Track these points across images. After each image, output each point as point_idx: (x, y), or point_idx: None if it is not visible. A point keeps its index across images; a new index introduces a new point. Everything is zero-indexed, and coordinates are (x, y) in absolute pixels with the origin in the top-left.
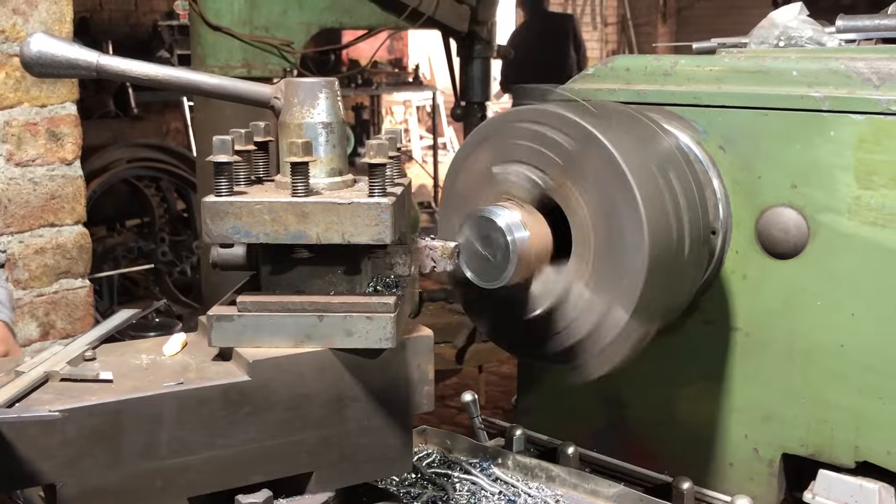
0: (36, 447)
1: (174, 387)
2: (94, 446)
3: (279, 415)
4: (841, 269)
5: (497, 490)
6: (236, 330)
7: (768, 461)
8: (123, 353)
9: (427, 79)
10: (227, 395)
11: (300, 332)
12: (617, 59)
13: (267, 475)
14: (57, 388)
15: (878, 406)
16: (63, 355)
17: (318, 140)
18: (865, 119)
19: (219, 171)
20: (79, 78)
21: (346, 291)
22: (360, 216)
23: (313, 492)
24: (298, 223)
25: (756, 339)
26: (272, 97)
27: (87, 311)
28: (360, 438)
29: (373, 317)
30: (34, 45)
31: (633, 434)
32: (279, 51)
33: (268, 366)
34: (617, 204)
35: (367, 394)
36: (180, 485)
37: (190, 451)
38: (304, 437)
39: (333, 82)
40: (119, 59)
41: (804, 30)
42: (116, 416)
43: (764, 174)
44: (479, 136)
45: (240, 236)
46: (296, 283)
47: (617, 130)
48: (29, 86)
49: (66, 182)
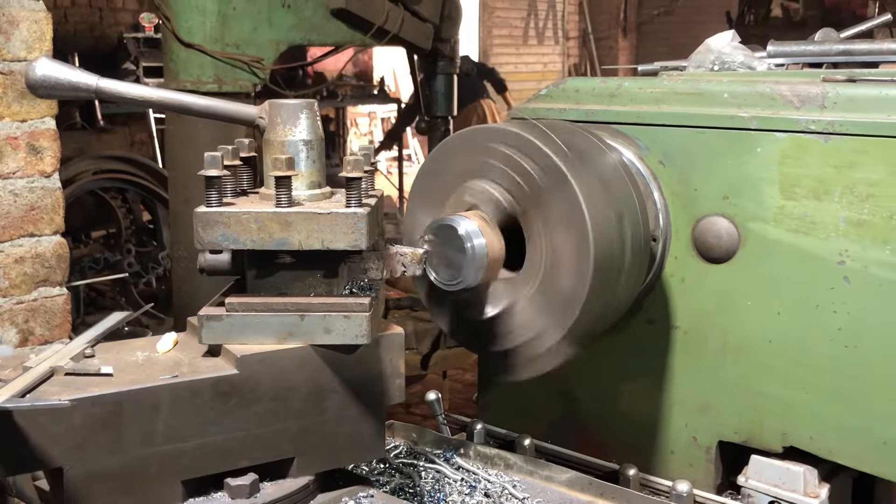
0: (45, 434)
1: (169, 380)
2: (98, 433)
3: (264, 405)
4: (768, 273)
5: (459, 477)
6: (224, 328)
7: (706, 448)
8: (119, 351)
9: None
10: (217, 387)
11: (283, 330)
12: (568, 80)
13: (253, 460)
14: (62, 382)
15: (802, 396)
16: (65, 352)
17: (299, 156)
18: (787, 137)
19: (209, 184)
20: (79, 99)
21: (324, 293)
22: (338, 225)
23: (295, 476)
24: (282, 231)
25: (693, 336)
26: (257, 117)
27: (65, 318)
28: (337, 427)
29: (350, 316)
30: (39, 69)
31: (584, 426)
32: (249, 67)
33: (254, 360)
34: (570, 240)
35: (344, 386)
36: (175, 469)
37: (183, 438)
38: (287, 426)
39: (313, 104)
40: (117, 82)
41: (736, 55)
42: (118, 406)
43: (699, 186)
44: (451, 147)
45: (228, 243)
46: (279, 286)
47: (580, 167)
48: (10, 101)
49: (46, 194)
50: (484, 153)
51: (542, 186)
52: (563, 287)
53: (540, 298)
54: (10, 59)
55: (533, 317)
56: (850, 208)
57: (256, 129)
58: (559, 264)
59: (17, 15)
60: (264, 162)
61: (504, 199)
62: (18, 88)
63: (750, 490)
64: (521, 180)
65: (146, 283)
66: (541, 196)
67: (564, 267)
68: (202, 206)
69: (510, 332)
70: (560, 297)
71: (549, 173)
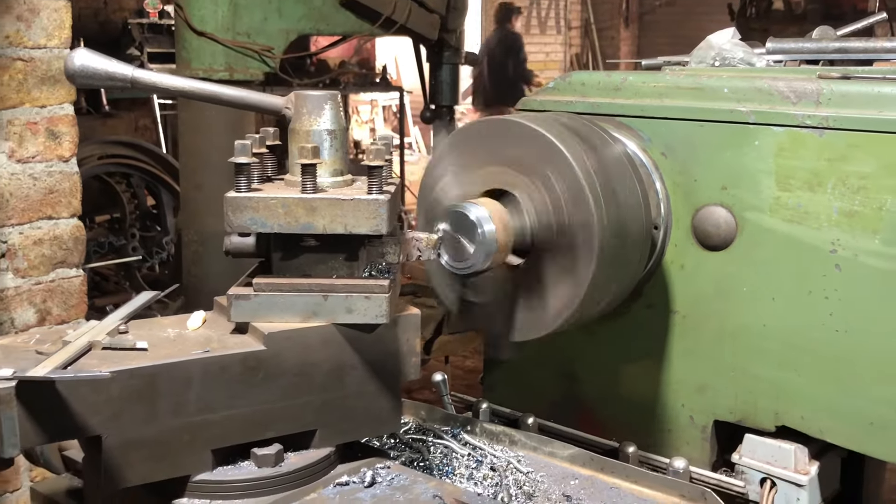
0: (85, 404)
1: (200, 354)
2: (134, 404)
3: (289, 380)
4: (763, 260)
5: (466, 452)
6: (252, 307)
7: (702, 427)
8: (151, 328)
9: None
10: (245, 362)
11: (308, 309)
12: (574, 74)
13: (278, 431)
14: (100, 356)
15: (794, 378)
16: (101, 328)
17: (323, 145)
18: (784, 131)
19: (239, 171)
20: (115, 88)
21: (346, 275)
22: (360, 210)
23: (317, 447)
24: (307, 216)
25: (691, 320)
26: (284, 107)
27: (82, 299)
28: (357, 401)
29: (370, 297)
30: (77, 59)
31: (585, 406)
32: (260, 56)
33: (280, 338)
34: (576, 223)
35: (363, 363)
36: (205, 438)
37: (213, 409)
38: (310, 400)
39: (336, 95)
40: (150, 73)
41: (736, 52)
42: (152, 378)
43: (699, 177)
44: (452, 143)
45: (257, 227)
46: (303, 268)
47: (576, 146)
48: (30, 87)
49: (64, 178)
50: (484, 142)
51: (540, 161)
52: (569, 265)
53: (546, 283)
54: (30, 47)
55: (534, 302)
56: (842, 199)
57: (283, 119)
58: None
59: (38, 3)
60: (290, 150)
61: (508, 180)
62: (38, 75)
63: (743, 467)
64: (521, 159)
65: (150, 267)
66: (540, 171)
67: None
68: (232, 192)
69: (525, 310)
70: (566, 277)
71: (538, 145)
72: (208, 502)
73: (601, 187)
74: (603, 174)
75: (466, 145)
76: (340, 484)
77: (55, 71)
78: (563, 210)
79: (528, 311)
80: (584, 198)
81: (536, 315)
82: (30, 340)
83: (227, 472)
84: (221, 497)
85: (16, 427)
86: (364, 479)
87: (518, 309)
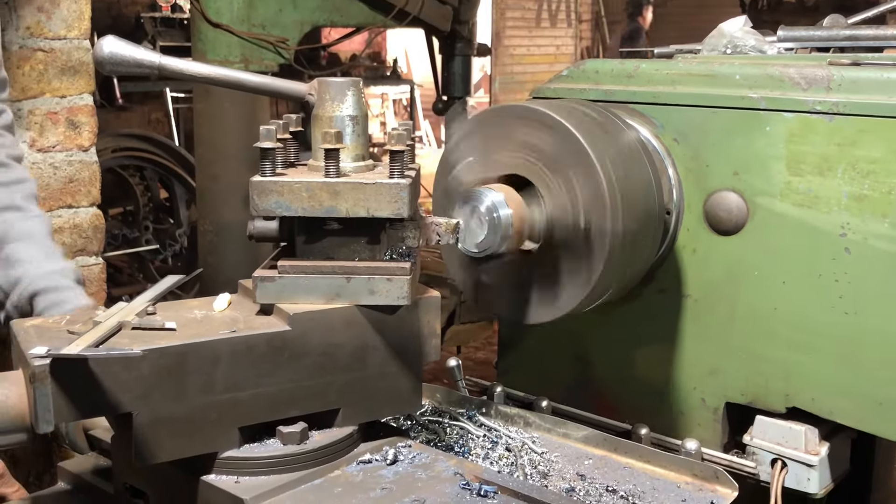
0: (117, 381)
1: (228, 334)
2: (164, 382)
3: (313, 360)
4: (774, 244)
5: (482, 433)
6: (277, 289)
7: (713, 409)
8: (178, 310)
9: (404, 73)
10: (271, 342)
11: (331, 291)
12: (587, 62)
13: (303, 410)
14: (130, 335)
15: (804, 360)
16: (129, 310)
17: (346, 130)
18: (795, 117)
19: (264, 156)
20: (143, 75)
21: (367, 258)
22: (382, 194)
23: (340, 426)
24: (331, 200)
25: (703, 304)
26: (307, 94)
27: (101, 287)
28: (379, 382)
29: (392, 279)
30: (106, 46)
31: (598, 389)
32: (275, 47)
33: (305, 318)
34: (588, 197)
35: (385, 344)
36: (232, 416)
37: (240, 388)
38: (334, 379)
39: (359, 82)
40: (177, 60)
41: (748, 39)
42: (182, 357)
43: (711, 163)
44: (470, 128)
45: (281, 210)
46: (326, 251)
47: (590, 130)
48: (51, 78)
49: (83, 167)
50: (497, 128)
51: (553, 144)
52: (583, 242)
53: (561, 261)
54: (50, 37)
55: (554, 280)
56: (851, 184)
57: (306, 105)
58: (577, 218)
59: None
60: (312, 135)
61: (521, 164)
62: (58, 65)
63: (754, 448)
64: (534, 143)
65: (163, 259)
66: (552, 154)
67: (582, 218)
68: (257, 176)
69: (539, 293)
70: (581, 254)
71: (560, 135)
72: (235, 478)
73: (619, 186)
74: (621, 166)
75: (485, 130)
76: (363, 462)
77: (75, 61)
78: (581, 213)
79: (540, 296)
80: (604, 205)
81: (548, 299)
82: (61, 321)
83: (253, 449)
84: (248, 473)
85: (50, 403)
86: (386, 457)
87: (531, 293)
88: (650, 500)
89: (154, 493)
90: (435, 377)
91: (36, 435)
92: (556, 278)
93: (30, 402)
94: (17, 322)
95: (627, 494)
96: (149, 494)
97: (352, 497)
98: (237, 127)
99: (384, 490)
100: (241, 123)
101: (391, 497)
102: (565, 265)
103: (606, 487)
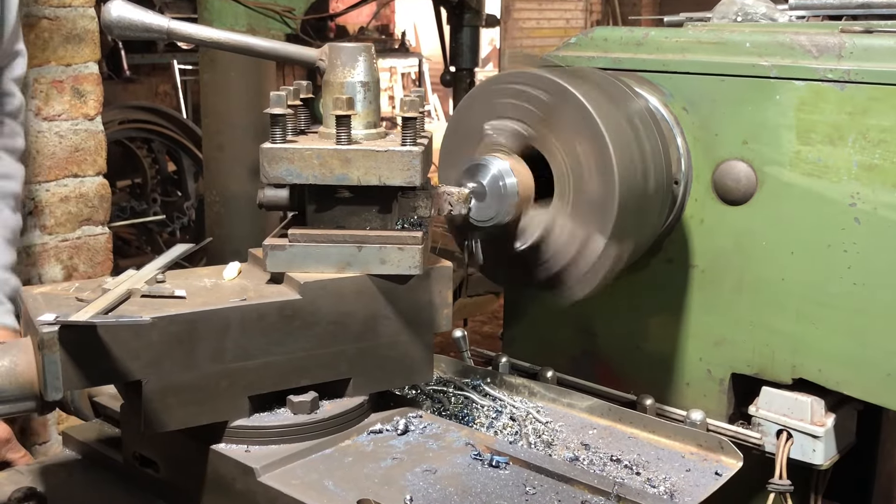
0: (127, 349)
1: (238, 303)
2: (174, 350)
3: (324, 328)
4: (783, 214)
5: (486, 403)
6: (288, 258)
7: (719, 380)
8: (188, 278)
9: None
10: (282, 311)
11: (342, 260)
12: (596, 30)
13: (314, 379)
14: (139, 303)
15: (811, 331)
16: (139, 277)
17: (357, 97)
18: (805, 85)
19: (274, 122)
20: (152, 40)
21: (378, 227)
22: (394, 162)
23: (351, 395)
24: (342, 167)
25: (711, 275)
26: (318, 59)
27: (107, 257)
28: (390, 351)
29: (404, 248)
30: (114, 10)
31: (604, 359)
32: (281, 17)
33: (316, 287)
34: (589, 147)
35: (396, 313)
36: (242, 385)
37: (250, 356)
38: (345, 349)
39: (370, 47)
40: (186, 24)
41: (759, 7)
42: (192, 324)
43: (720, 132)
44: (471, 98)
45: (292, 178)
46: (337, 220)
47: (589, 87)
48: (56, 46)
49: (89, 136)
50: (498, 95)
51: (550, 104)
52: (593, 193)
53: (576, 212)
54: (55, 5)
55: (574, 231)
56: (862, 153)
57: (316, 71)
58: (583, 170)
59: None
60: (323, 102)
61: (521, 129)
62: (63, 34)
63: (760, 419)
64: (531, 106)
65: (171, 232)
66: (550, 113)
67: (588, 169)
68: (267, 143)
69: (553, 256)
70: (593, 204)
71: (553, 92)
72: (245, 447)
73: (626, 155)
74: (628, 135)
75: (491, 97)
76: (374, 431)
77: (80, 29)
78: (585, 181)
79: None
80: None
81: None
82: (70, 288)
83: (263, 418)
84: (258, 442)
85: (59, 371)
86: (397, 427)
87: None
88: (654, 469)
89: (163, 461)
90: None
91: (46, 404)
92: (573, 227)
93: (38, 370)
94: (26, 289)
95: (632, 464)
96: (158, 463)
97: (362, 466)
98: (243, 97)
99: (395, 460)
100: (247, 94)
101: (402, 467)
102: (575, 226)
103: (611, 457)
